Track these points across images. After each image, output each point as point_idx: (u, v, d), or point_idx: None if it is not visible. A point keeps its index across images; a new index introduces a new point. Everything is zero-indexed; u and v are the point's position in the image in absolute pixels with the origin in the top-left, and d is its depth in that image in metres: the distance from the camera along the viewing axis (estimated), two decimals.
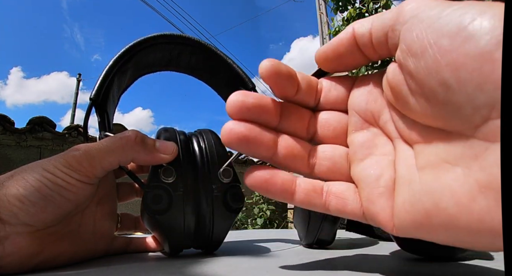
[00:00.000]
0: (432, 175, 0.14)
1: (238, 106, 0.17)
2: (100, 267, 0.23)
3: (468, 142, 0.13)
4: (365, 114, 0.18)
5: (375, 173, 0.16)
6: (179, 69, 0.34)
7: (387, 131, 0.17)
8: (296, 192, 0.17)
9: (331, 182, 0.18)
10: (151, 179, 0.24)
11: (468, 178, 0.12)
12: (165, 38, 0.31)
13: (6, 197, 0.20)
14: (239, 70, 0.32)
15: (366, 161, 0.17)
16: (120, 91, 0.31)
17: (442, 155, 0.14)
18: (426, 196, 0.14)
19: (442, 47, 0.13)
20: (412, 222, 0.14)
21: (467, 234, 0.13)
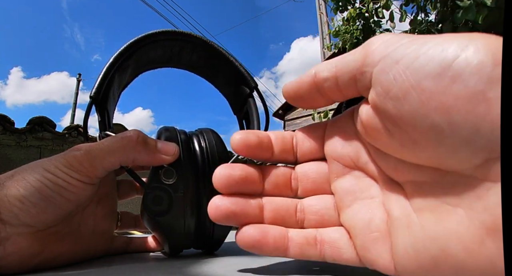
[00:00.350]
0: (433, 218, 0.13)
1: (225, 180, 0.18)
2: (100, 267, 0.23)
3: (468, 181, 0.12)
4: (343, 159, 0.17)
5: (365, 218, 0.16)
6: (180, 66, 0.34)
7: (369, 172, 0.16)
8: (290, 247, 0.17)
9: (323, 230, 0.18)
10: (152, 180, 0.24)
11: (473, 220, 0.12)
12: (166, 34, 0.31)
13: (7, 197, 0.20)
14: (241, 68, 0.32)
15: (354, 206, 0.17)
16: (121, 88, 0.31)
17: (440, 196, 0.13)
18: (431, 242, 0.13)
19: (427, 90, 0.12)
20: (418, 267, 0.14)
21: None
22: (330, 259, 0.17)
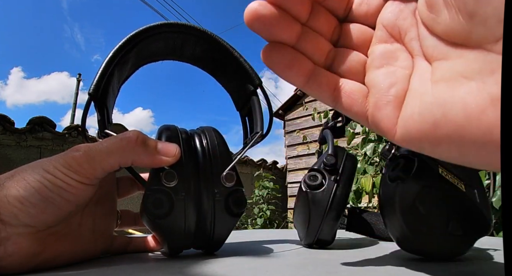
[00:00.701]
0: (446, 88, 0.14)
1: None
2: (100, 267, 0.23)
3: (487, 57, 0.13)
4: (393, 29, 0.18)
5: (388, 82, 0.16)
6: (183, 59, 0.33)
7: (410, 48, 0.17)
8: (311, 79, 0.18)
9: (346, 80, 0.18)
10: (152, 182, 0.24)
11: (482, 91, 0.13)
12: (169, 26, 0.30)
13: (7, 198, 0.20)
14: (246, 64, 0.31)
15: (382, 69, 0.17)
16: (121, 82, 0.30)
17: (459, 70, 0.14)
18: (437, 107, 0.14)
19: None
20: (417, 131, 0.15)
21: (471, 146, 0.13)
22: (341, 107, 0.18)
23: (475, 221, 0.25)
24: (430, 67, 0.15)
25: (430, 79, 0.15)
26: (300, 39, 0.17)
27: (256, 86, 0.32)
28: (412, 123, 0.15)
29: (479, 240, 0.25)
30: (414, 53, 0.17)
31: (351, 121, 0.46)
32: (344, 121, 0.38)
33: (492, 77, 0.13)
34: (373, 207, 1.56)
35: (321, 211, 0.29)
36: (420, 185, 0.24)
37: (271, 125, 0.31)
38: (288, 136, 3.72)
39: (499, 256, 0.28)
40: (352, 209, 0.40)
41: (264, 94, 0.32)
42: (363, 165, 1.36)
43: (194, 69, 0.35)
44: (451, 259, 0.26)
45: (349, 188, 0.31)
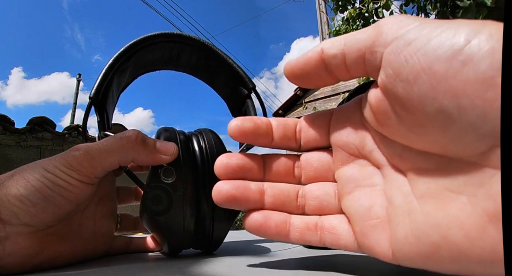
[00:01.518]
0: (435, 205, 0.13)
1: (223, 168, 0.19)
2: (100, 267, 0.23)
3: (471, 169, 0.12)
4: (348, 147, 0.17)
5: (365, 205, 0.16)
6: (179, 68, 0.34)
7: (373, 160, 0.17)
8: (291, 232, 0.18)
9: (325, 217, 0.18)
10: (151, 179, 0.24)
11: (475, 207, 0.12)
12: (165, 36, 0.31)
13: (7, 197, 0.20)
14: (239, 69, 0.32)
15: (355, 193, 0.17)
16: (120, 89, 0.31)
17: (442, 183, 0.13)
18: (432, 229, 0.13)
19: (438, 73, 0.12)
20: (418, 255, 0.14)
21: (479, 265, 0.12)
22: (330, 245, 0.18)
23: None
24: (405, 178, 0.15)
25: (413, 194, 0.14)
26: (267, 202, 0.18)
27: (250, 90, 0.32)
28: (409, 246, 0.14)
29: None
30: (381, 164, 0.16)
31: None
32: None
33: (482, 190, 0.12)
34: None
35: None
36: None
37: None
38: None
39: None
40: None
41: (258, 98, 0.33)
42: None
43: None
44: None
45: None
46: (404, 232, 0.14)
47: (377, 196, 0.16)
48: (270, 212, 0.18)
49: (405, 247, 0.14)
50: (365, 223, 0.16)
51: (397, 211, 0.15)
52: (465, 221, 0.12)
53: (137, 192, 0.31)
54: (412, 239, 0.14)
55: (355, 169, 0.17)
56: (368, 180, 0.16)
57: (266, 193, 0.19)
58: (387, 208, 0.15)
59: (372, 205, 0.16)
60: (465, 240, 0.12)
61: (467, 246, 0.12)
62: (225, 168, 0.19)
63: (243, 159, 0.19)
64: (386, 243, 0.15)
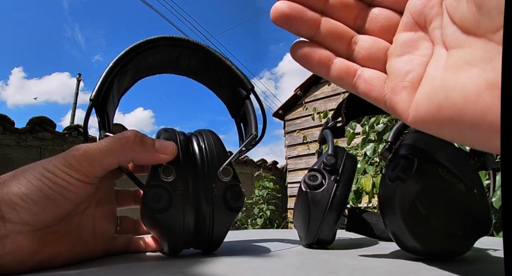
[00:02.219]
0: (452, 73, 0.15)
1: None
2: (100, 267, 0.23)
3: (488, 46, 0.14)
4: (419, 17, 0.18)
5: (407, 68, 0.17)
6: (178, 71, 0.34)
7: (432, 36, 0.18)
8: (331, 69, 0.19)
9: (366, 69, 0.19)
10: (151, 178, 0.24)
11: (480, 77, 0.14)
12: (165, 40, 0.31)
13: (8, 195, 0.20)
14: (238, 71, 0.33)
15: (403, 57, 0.18)
16: (120, 92, 0.31)
17: (466, 58, 0.15)
18: (441, 91, 0.15)
19: None
20: (425, 113, 0.16)
21: (469, 127, 0.14)
22: (361, 93, 0.19)
23: (475, 221, 0.25)
24: (447, 55, 0.16)
25: (443, 66, 0.16)
26: (319, 32, 0.19)
27: (249, 91, 0.33)
28: (421, 106, 0.16)
29: (479, 240, 0.25)
30: (435, 41, 0.17)
31: (351, 121, 0.46)
32: (344, 121, 0.38)
33: (490, 65, 0.14)
34: (373, 207, 1.56)
35: (321, 211, 0.29)
36: (420, 185, 0.24)
37: (265, 127, 0.31)
38: (288, 136, 3.72)
39: (499, 256, 0.28)
40: (352, 209, 0.40)
41: (256, 98, 0.33)
42: (363, 165, 1.36)
43: None
44: (451, 259, 0.26)
45: (349, 188, 0.31)
46: (422, 94, 0.16)
47: (420, 65, 0.17)
48: (319, 46, 0.19)
49: (418, 106, 0.16)
50: (399, 82, 0.17)
51: (426, 79, 0.16)
52: (467, 86, 0.14)
53: (135, 195, 0.31)
54: (425, 100, 0.16)
55: (414, 37, 0.18)
56: (420, 51, 0.18)
57: (321, 24, 0.19)
58: (422, 77, 0.17)
59: (412, 71, 0.17)
60: (463, 101, 0.14)
61: (463, 106, 0.14)
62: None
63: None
64: (408, 103, 0.17)
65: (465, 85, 0.14)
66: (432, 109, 0.15)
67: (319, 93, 3.56)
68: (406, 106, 0.17)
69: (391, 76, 0.18)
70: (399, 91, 0.17)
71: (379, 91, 0.18)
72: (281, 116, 3.82)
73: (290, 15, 0.18)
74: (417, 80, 0.17)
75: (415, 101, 0.17)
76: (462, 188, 0.24)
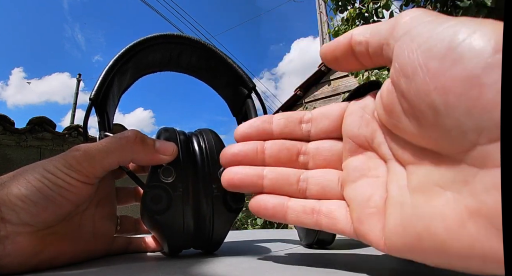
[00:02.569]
0: (423, 198, 0.14)
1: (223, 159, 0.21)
2: (100, 267, 0.23)
3: (458, 166, 0.13)
4: (358, 139, 0.18)
5: (366, 194, 0.17)
6: (179, 69, 0.34)
7: (381, 153, 0.17)
8: (288, 214, 0.19)
9: (323, 201, 0.19)
10: (151, 179, 0.24)
11: (458, 203, 0.12)
12: (165, 38, 0.31)
13: (8, 196, 0.20)
14: (240, 70, 0.32)
15: (358, 182, 0.17)
16: (120, 91, 0.31)
17: (433, 178, 0.14)
18: (417, 220, 0.14)
19: (431, 70, 0.13)
20: (403, 245, 0.15)
21: (457, 258, 0.13)
22: (326, 228, 0.18)
23: None
24: (405, 172, 0.15)
25: (407, 187, 0.15)
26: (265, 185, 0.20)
27: (250, 90, 0.33)
28: (397, 237, 0.15)
29: None
30: (387, 158, 0.17)
31: None
32: None
33: (466, 188, 0.12)
34: None
35: None
36: None
37: None
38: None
39: None
40: None
41: (258, 97, 0.33)
42: None
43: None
44: None
45: None
46: (394, 222, 0.15)
47: (378, 187, 0.16)
48: (268, 195, 0.20)
49: (393, 236, 0.15)
50: (363, 210, 0.16)
51: (391, 202, 0.15)
52: (447, 215, 0.13)
53: (136, 192, 0.31)
54: (400, 229, 0.14)
55: (362, 160, 0.18)
56: (373, 171, 0.17)
57: (265, 177, 0.20)
58: (386, 199, 0.16)
59: (372, 195, 0.16)
60: (445, 232, 0.13)
61: (446, 238, 0.13)
62: (225, 157, 0.21)
63: (243, 147, 0.21)
64: (380, 231, 0.16)
65: (444, 213, 0.13)
66: (410, 240, 0.14)
67: (319, 93, 3.56)
68: (378, 236, 0.16)
69: (352, 205, 0.17)
70: (365, 220, 0.16)
71: (343, 223, 0.18)
72: None
73: (235, 181, 0.20)
74: (381, 204, 0.16)
75: (387, 230, 0.15)
76: None
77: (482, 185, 0.12)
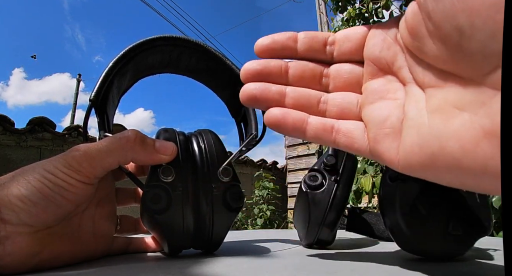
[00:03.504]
0: (441, 119, 0.14)
1: (245, 74, 0.20)
2: (100, 267, 0.23)
3: (477, 88, 0.13)
4: (379, 62, 0.18)
5: (384, 114, 0.17)
6: (179, 71, 0.34)
7: (401, 76, 0.17)
8: (307, 130, 0.19)
9: (342, 121, 0.19)
10: (150, 179, 0.24)
11: (474, 124, 0.13)
12: (164, 40, 0.31)
13: (8, 197, 0.20)
14: (238, 70, 0.32)
15: (377, 104, 0.18)
16: (120, 93, 0.31)
17: (452, 100, 0.14)
18: (434, 140, 0.14)
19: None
20: (418, 163, 0.15)
21: (470, 177, 0.13)
22: (343, 147, 0.18)
23: (475, 221, 0.25)
24: (424, 94, 0.16)
25: (426, 108, 0.15)
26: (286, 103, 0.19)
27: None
28: (412, 155, 0.15)
29: (479, 240, 0.25)
30: (406, 81, 0.17)
31: None
32: None
33: (483, 109, 0.13)
34: (373, 207, 1.56)
35: (321, 211, 0.29)
36: (420, 185, 0.24)
37: (265, 127, 0.31)
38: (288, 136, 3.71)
39: (499, 256, 0.28)
40: (352, 209, 0.40)
41: None
42: (363, 165, 1.36)
43: None
44: (451, 259, 0.26)
45: (349, 188, 0.31)
46: (410, 142, 0.15)
47: (396, 108, 0.17)
48: (289, 109, 0.19)
49: (408, 155, 0.15)
50: (379, 130, 0.17)
51: (409, 123, 0.16)
52: (463, 135, 0.13)
53: (136, 193, 0.31)
54: (416, 148, 0.15)
55: (382, 82, 0.18)
56: (392, 94, 0.17)
57: (287, 95, 0.19)
58: (403, 120, 0.16)
59: (390, 116, 0.17)
60: (460, 151, 0.13)
61: (460, 157, 0.13)
62: (246, 73, 0.20)
63: (266, 63, 0.20)
64: (395, 151, 0.16)
65: (460, 133, 0.13)
66: (425, 159, 0.15)
67: None
68: (393, 154, 0.16)
69: (369, 125, 0.18)
70: (381, 139, 0.17)
71: (361, 143, 0.18)
72: None
73: (257, 96, 0.19)
74: (398, 125, 0.16)
75: (403, 149, 0.16)
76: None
77: (499, 106, 0.12)
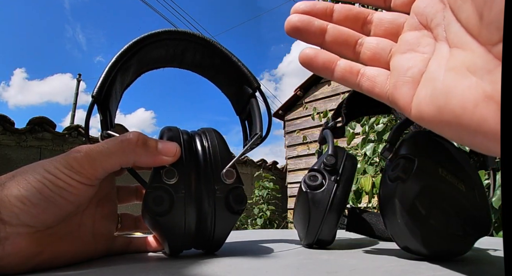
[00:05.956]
0: (453, 78, 0.16)
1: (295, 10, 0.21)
2: (100, 267, 0.23)
3: (487, 56, 0.14)
4: (421, 16, 0.19)
5: (408, 65, 0.18)
6: (183, 65, 0.34)
7: (435, 33, 0.18)
8: (335, 70, 0.20)
9: (369, 67, 0.20)
10: (153, 180, 0.24)
11: (478, 87, 0.14)
12: (169, 34, 0.30)
13: (8, 197, 0.20)
14: (244, 68, 0.32)
15: (406, 55, 0.19)
16: (123, 87, 0.30)
17: (467, 63, 0.15)
18: (442, 95, 0.16)
19: None
20: (426, 114, 0.17)
21: (466, 133, 0.15)
22: (365, 90, 0.20)
23: (475, 221, 0.25)
24: (449, 54, 0.17)
25: (445, 66, 0.16)
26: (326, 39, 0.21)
27: (255, 89, 0.32)
28: (423, 106, 0.17)
29: (479, 240, 0.25)
30: (439, 38, 0.18)
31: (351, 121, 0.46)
32: (344, 121, 0.38)
33: (488, 76, 0.14)
34: (373, 207, 1.56)
35: (321, 211, 0.29)
36: (420, 185, 0.24)
37: (270, 127, 0.31)
38: (288, 136, 3.72)
39: (499, 256, 0.28)
40: (352, 209, 0.40)
41: (262, 97, 0.32)
42: (363, 165, 1.36)
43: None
44: (451, 259, 0.26)
45: (349, 188, 0.31)
46: (424, 93, 0.17)
47: (421, 61, 0.18)
48: (322, 50, 0.21)
49: (420, 105, 0.17)
50: (400, 78, 0.18)
51: (428, 76, 0.17)
52: (466, 95, 0.15)
53: (137, 191, 0.31)
54: (427, 100, 0.17)
55: (417, 35, 0.19)
56: (422, 48, 0.18)
57: (328, 31, 0.21)
58: (423, 73, 0.18)
59: (413, 67, 0.18)
60: (461, 109, 0.15)
61: (461, 114, 0.15)
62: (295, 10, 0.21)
63: (314, 5, 0.21)
64: (409, 98, 0.18)
65: (464, 94, 0.15)
66: (433, 110, 0.16)
67: (319, 93, 3.56)
68: (408, 101, 0.18)
69: (393, 72, 0.19)
70: (400, 86, 0.18)
71: (381, 88, 0.19)
72: (281, 116, 3.82)
73: (299, 27, 0.20)
74: (418, 76, 0.18)
75: (417, 98, 0.17)
76: (462, 188, 0.24)
77: (500, 76, 0.13)
